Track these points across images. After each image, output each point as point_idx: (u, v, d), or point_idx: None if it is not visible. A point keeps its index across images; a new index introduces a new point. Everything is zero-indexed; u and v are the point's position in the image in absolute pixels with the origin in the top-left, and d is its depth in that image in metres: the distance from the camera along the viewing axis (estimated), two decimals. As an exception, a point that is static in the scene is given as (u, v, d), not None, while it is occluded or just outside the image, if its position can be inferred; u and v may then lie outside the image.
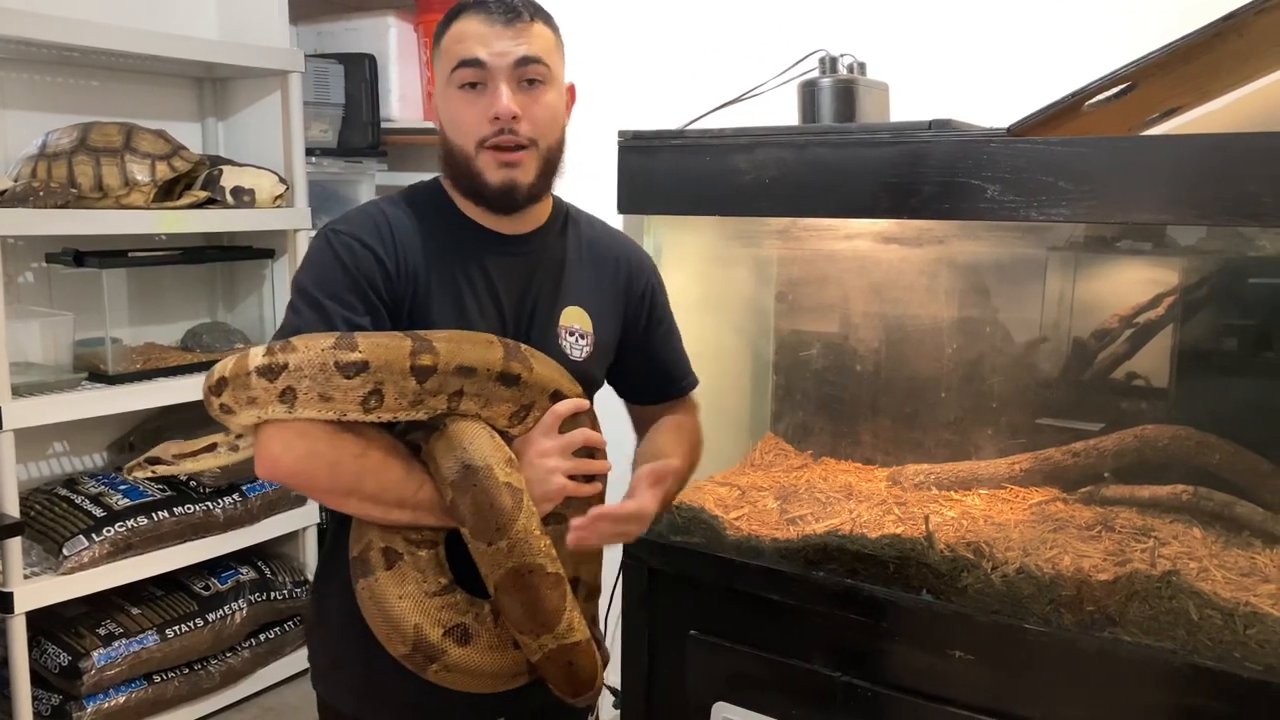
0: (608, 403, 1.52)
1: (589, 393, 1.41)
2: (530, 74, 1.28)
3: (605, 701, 2.26)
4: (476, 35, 1.27)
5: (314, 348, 1.16)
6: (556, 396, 1.29)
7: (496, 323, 1.33)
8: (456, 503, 1.19)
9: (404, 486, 1.21)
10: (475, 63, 1.26)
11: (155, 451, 1.31)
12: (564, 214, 1.45)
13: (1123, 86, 1.48)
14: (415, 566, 1.22)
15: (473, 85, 1.28)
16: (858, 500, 1.91)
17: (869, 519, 1.81)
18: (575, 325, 1.38)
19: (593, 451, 1.32)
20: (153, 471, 1.31)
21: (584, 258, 1.43)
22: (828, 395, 2.25)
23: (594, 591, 1.42)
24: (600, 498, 1.34)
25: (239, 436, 1.28)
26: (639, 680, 1.85)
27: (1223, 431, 1.79)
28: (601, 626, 1.62)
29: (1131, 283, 1.93)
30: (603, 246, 1.46)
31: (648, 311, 1.49)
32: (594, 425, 1.35)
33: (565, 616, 1.21)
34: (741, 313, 2.33)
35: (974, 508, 1.87)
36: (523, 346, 1.28)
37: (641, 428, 1.55)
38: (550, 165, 1.33)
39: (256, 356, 1.18)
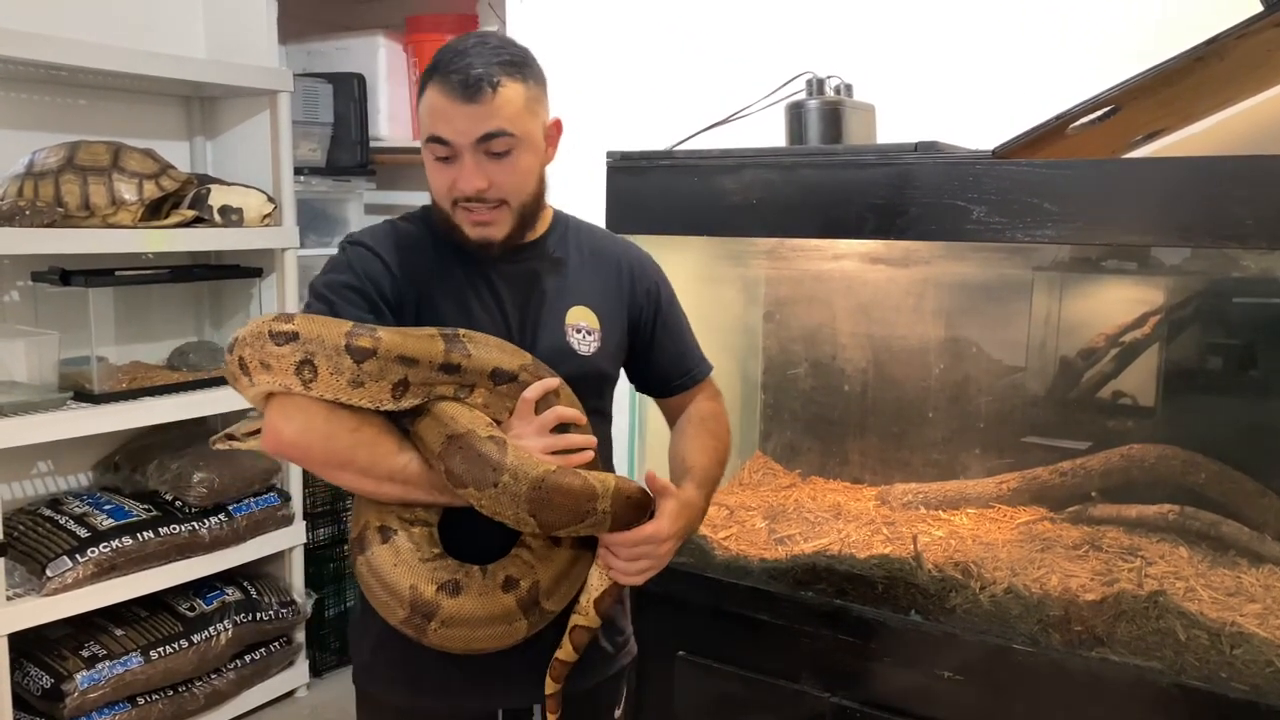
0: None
1: (603, 388, 1.47)
2: (494, 147, 1.30)
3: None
4: (441, 112, 1.30)
5: (258, 320, 1.27)
6: (496, 374, 1.33)
7: (501, 324, 1.39)
8: (450, 468, 1.26)
9: (394, 460, 1.29)
10: (441, 141, 1.31)
11: (232, 429, 1.43)
12: (564, 223, 1.50)
13: (1107, 109, 1.49)
14: (409, 540, 1.31)
15: (443, 157, 1.32)
16: (846, 520, 1.91)
17: (857, 539, 1.82)
18: (582, 323, 1.44)
19: (570, 427, 1.36)
20: (228, 445, 1.41)
21: (587, 262, 1.48)
22: (816, 415, 2.26)
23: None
24: (598, 466, 1.38)
25: None
26: (628, 702, 1.84)
27: (1208, 451, 1.80)
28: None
29: (1117, 303, 1.94)
30: (605, 251, 1.51)
31: (654, 310, 1.53)
32: (571, 403, 1.38)
33: (600, 481, 1.28)
34: (729, 332, 2.33)
35: (962, 527, 1.87)
36: (461, 333, 1.33)
37: (670, 418, 1.60)
38: (527, 213, 1.38)
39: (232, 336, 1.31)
